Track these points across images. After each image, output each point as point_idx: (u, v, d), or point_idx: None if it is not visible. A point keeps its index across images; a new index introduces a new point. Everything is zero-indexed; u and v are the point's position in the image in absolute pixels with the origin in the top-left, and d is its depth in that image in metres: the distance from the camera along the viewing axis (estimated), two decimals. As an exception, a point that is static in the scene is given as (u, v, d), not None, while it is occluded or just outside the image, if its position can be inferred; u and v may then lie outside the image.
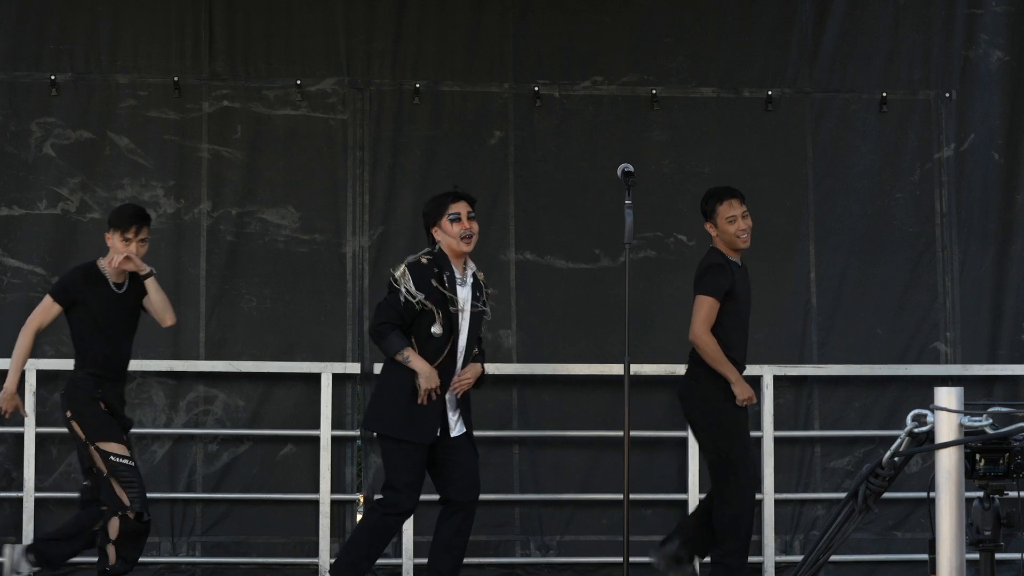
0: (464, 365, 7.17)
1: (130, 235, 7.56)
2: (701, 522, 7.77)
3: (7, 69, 9.19)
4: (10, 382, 7.57)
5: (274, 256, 9.23)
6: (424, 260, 7.13)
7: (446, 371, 7.10)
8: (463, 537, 7.18)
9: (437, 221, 7.14)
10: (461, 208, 7.14)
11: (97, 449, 7.43)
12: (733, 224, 7.71)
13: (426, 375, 7.01)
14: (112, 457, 7.46)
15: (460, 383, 7.14)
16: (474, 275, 7.26)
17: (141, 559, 8.90)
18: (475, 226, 7.16)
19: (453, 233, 7.09)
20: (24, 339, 7.61)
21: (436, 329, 7.04)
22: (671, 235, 9.42)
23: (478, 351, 7.27)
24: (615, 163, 7.43)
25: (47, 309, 7.63)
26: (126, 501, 7.40)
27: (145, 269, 7.60)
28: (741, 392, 7.61)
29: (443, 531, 7.17)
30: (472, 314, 7.17)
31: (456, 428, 7.16)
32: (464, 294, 7.15)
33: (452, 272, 7.12)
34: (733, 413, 7.68)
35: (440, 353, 7.07)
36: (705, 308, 7.59)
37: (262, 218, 9.28)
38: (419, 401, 7.02)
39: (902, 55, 9.61)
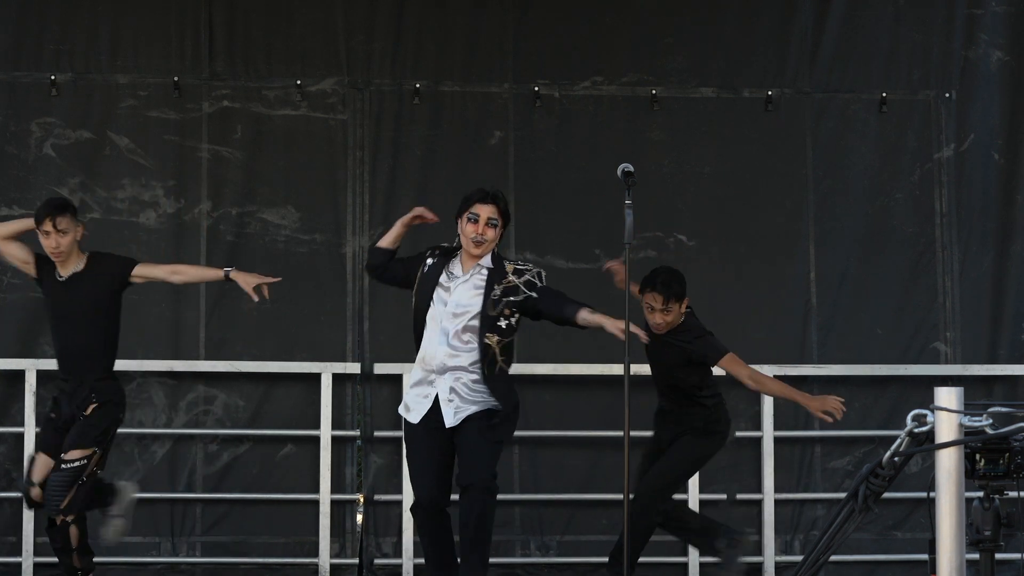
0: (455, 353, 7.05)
1: (47, 227, 7.46)
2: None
3: (7, 69, 9.19)
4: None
5: (274, 256, 9.23)
6: (445, 244, 7.18)
7: (432, 349, 7.01)
8: (467, 526, 6.86)
9: (460, 215, 7.09)
10: (482, 211, 7.02)
11: None
12: (650, 314, 7.71)
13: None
14: None
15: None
16: (494, 270, 7.07)
17: (141, 559, 8.95)
18: (490, 233, 7.00)
19: (466, 233, 7.03)
20: None
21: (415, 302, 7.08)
22: (671, 235, 9.42)
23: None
24: (615, 163, 7.40)
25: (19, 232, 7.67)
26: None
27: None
28: None
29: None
30: (473, 312, 7.02)
31: (451, 418, 7.00)
32: (457, 288, 7.02)
33: (445, 263, 7.07)
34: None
35: (418, 329, 7.06)
36: None
37: (262, 218, 9.28)
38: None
39: (902, 55, 9.62)
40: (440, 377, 6.99)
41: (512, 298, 7.04)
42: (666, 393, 7.84)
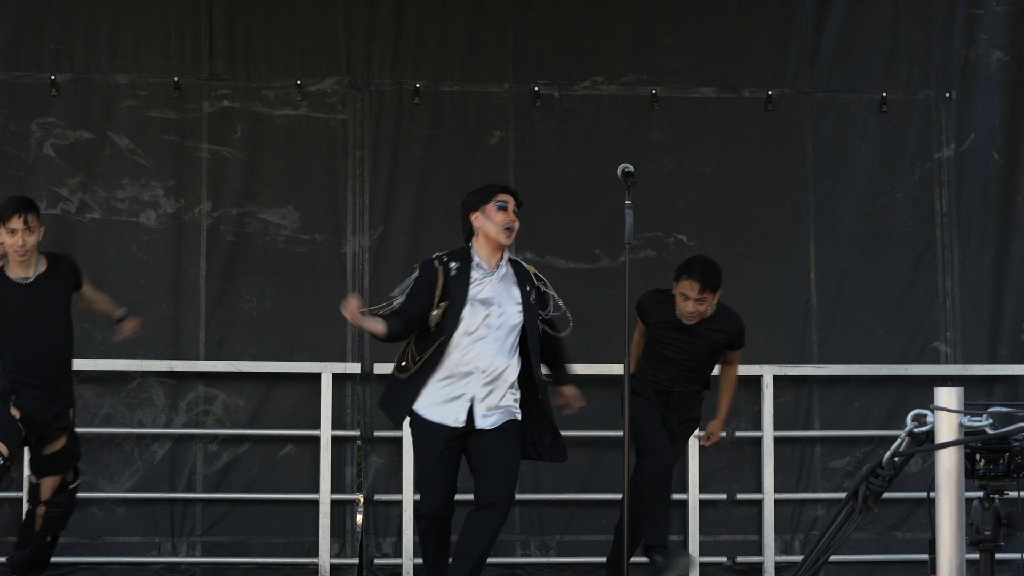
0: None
1: (15, 225, 7.28)
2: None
3: (7, 69, 9.19)
4: None
5: (274, 256, 9.24)
6: (437, 254, 6.84)
7: (472, 350, 6.70)
8: (477, 539, 6.64)
9: (481, 207, 6.81)
10: (509, 199, 6.82)
11: None
12: (684, 303, 7.65)
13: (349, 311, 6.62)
14: None
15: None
16: (517, 268, 6.89)
17: (141, 559, 8.95)
18: (518, 223, 6.84)
19: (497, 220, 6.76)
20: None
21: (434, 312, 6.68)
22: (671, 235, 9.42)
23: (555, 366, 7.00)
24: (615, 163, 7.39)
25: None
26: None
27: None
28: None
29: (463, 531, 6.70)
30: (517, 311, 6.80)
31: (483, 421, 6.72)
32: (494, 285, 6.77)
33: (469, 263, 6.77)
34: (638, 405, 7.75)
35: (439, 340, 6.68)
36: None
37: (262, 218, 9.28)
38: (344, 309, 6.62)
39: (902, 55, 9.62)
40: (474, 378, 6.72)
41: (543, 314, 6.89)
42: (683, 382, 7.77)
